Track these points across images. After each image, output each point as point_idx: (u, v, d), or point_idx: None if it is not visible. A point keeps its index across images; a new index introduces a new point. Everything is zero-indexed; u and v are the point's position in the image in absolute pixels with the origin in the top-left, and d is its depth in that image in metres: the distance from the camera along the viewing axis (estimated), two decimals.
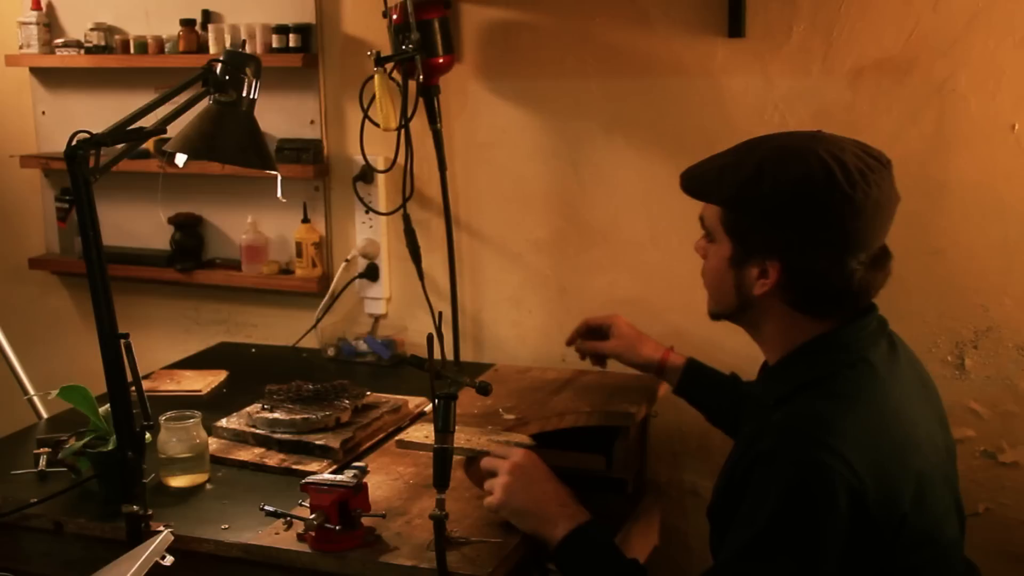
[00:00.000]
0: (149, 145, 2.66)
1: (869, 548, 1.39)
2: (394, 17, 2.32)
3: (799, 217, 1.45)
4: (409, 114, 2.36)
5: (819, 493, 1.36)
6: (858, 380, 1.47)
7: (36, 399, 2.27)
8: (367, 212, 2.58)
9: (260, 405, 2.06)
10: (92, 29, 2.77)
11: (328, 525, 1.57)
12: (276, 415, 1.99)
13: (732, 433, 1.97)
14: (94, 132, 1.60)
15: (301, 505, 1.62)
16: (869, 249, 1.49)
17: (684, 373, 2.04)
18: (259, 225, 2.73)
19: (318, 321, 2.70)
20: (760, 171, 1.47)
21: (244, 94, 1.84)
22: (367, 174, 2.58)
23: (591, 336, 2.16)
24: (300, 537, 1.61)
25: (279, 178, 1.96)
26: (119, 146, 1.72)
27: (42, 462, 1.88)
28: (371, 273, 2.66)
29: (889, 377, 1.51)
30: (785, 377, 1.52)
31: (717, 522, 1.56)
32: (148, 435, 1.65)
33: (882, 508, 1.38)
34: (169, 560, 1.45)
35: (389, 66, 2.33)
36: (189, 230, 2.80)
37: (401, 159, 2.45)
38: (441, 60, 2.34)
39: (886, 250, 1.54)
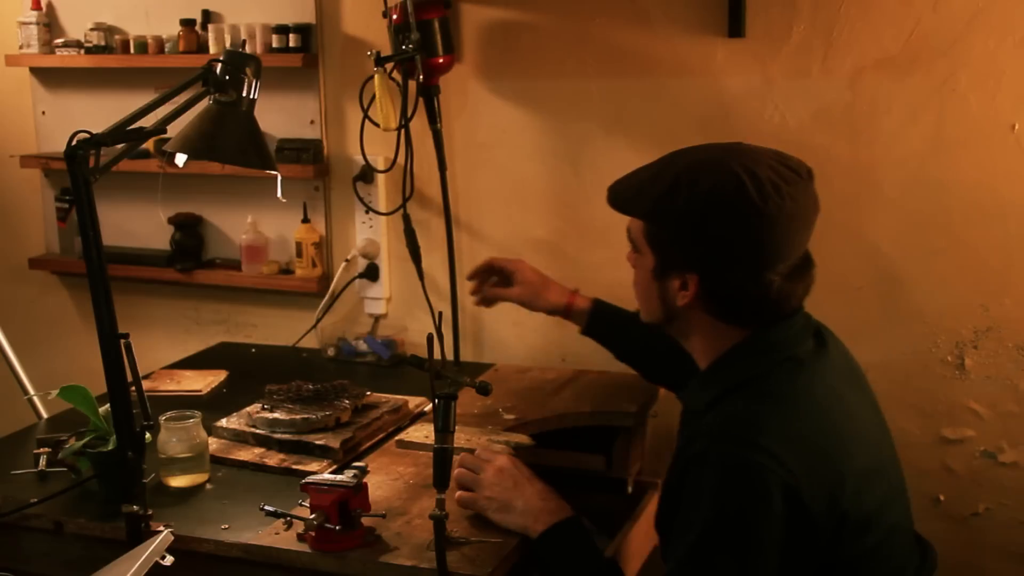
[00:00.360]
0: (149, 145, 2.66)
1: (809, 543, 1.40)
2: (394, 17, 2.32)
3: (712, 231, 1.47)
4: (409, 114, 2.36)
5: (752, 493, 1.37)
6: (785, 379, 1.49)
7: (36, 399, 2.27)
8: (367, 212, 2.58)
9: (260, 405, 2.06)
10: (92, 29, 2.77)
11: (328, 525, 1.57)
12: (276, 415, 1.99)
13: (642, 370, 2.07)
14: (94, 132, 1.60)
15: (301, 505, 1.62)
16: (787, 260, 1.49)
17: (591, 315, 2.06)
18: (259, 225, 2.73)
19: (318, 321, 2.70)
20: (675, 185, 1.49)
21: (244, 94, 1.84)
22: (367, 174, 2.58)
23: (496, 282, 2.16)
24: (300, 537, 1.61)
25: (279, 178, 1.96)
26: (119, 146, 1.72)
27: (42, 462, 1.88)
28: (371, 273, 2.66)
29: (818, 372, 1.52)
30: (713, 382, 1.53)
31: (662, 531, 1.57)
32: (148, 435, 1.65)
33: (819, 502, 1.39)
34: (169, 560, 1.45)
35: (389, 66, 2.33)
36: (189, 230, 2.80)
37: (401, 159, 2.45)
38: (441, 60, 2.34)
39: (808, 259, 1.54)
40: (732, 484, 1.38)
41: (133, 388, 1.62)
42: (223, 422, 2.03)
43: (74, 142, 1.57)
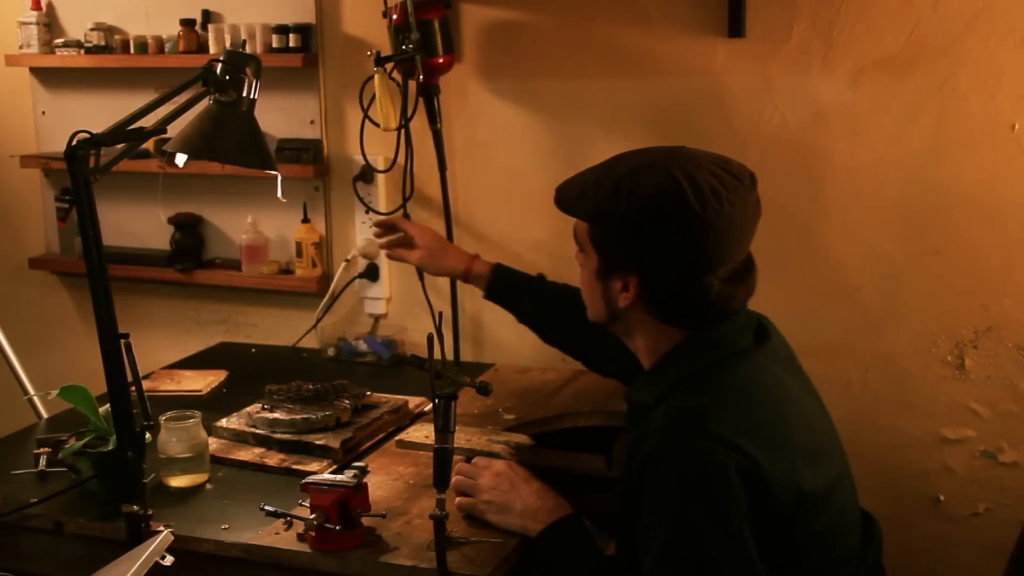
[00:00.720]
0: (149, 145, 2.66)
1: (774, 523, 1.43)
2: (394, 17, 2.33)
3: (652, 235, 1.50)
4: (409, 114, 2.36)
5: (712, 479, 1.40)
6: (731, 371, 1.52)
7: (36, 399, 2.27)
8: (367, 212, 2.58)
9: (260, 405, 2.06)
10: (92, 29, 2.77)
11: (328, 525, 1.57)
12: (276, 415, 1.99)
13: (540, 334, 2.07)
14: (94, 132, 1.60)
15: (301, 505, 1.62)
16: (726, 264, 1.52)
17: (491, 279, 2.08)
18: (259, 225, 2.73)
19: (318, 321, 2.70)
20: (616, 190, 1.51)
21: (244, 94, 1.84)
22: (367, 174, 2.58)
23: (399, 243, 2.19)
24: (300, 537, 1.62)
25: (279, 178, 1.96)
26: (119, 146, 1.72)
27: (42, 462, 1.88)
28: (371, 273, 2.66)
29: (761, 362, 1.56)
30: (660, 378, 1.55)
31: (622, 533, 1.58)
32: (148, 435, 1.65)
33: (779, 483, 1.43)
34: (169, 560, 1.45)
35: (389, 66, 2.33)
36: (189, 230, 2.80)
37: (401, 159, 2.45)
38: (441, 60, 2.34)
39: (750, 262, 1.57)
40: (691, 474, 1.41)
41: (133, 388, 1.62)
42: (223, 422, 2.03)
43: (74, 142, 1.58)
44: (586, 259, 1.61)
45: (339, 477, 1.62)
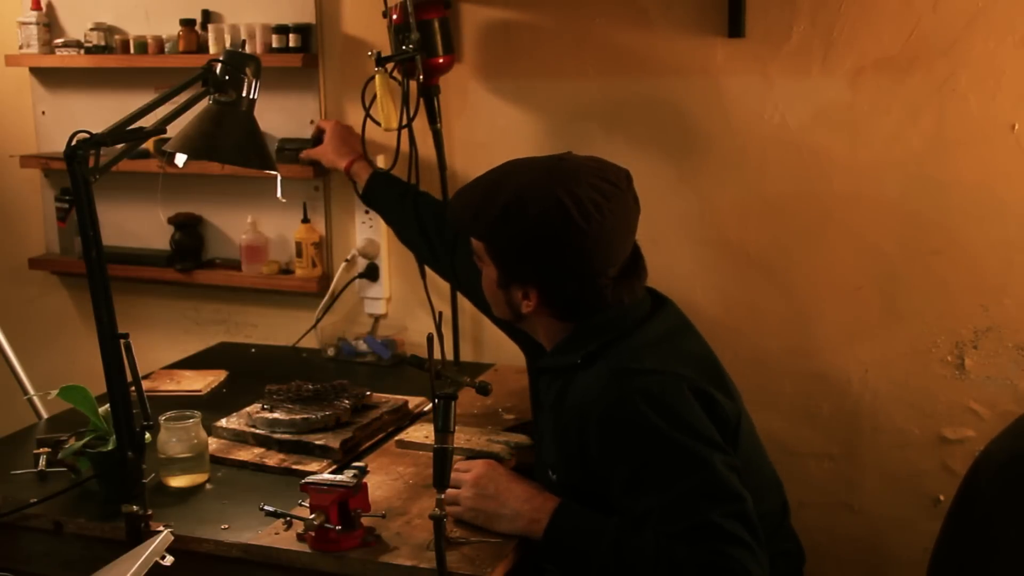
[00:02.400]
0: (149, 145, 2.66)
1: (727, 430, 1.61)
2: (394, 17, 2.32)
3: (543, 254, 1.65)
4: (411, 114, 2.36)
5: (673, 402, 1.56)
6: (648, 328, 1.70)
7: (36, 399, 2.27)
8: (367, 212, 2.58)
9: (260, 405, 2.06)
10: (92, 29, 2.77)
11: (328, 525, 1.57)
12: (276, 415, 1.99)
13: (401, 238, 2.28)
14: (94, 132, 1.60)
15: (301, 505, 1.62)
16: (615, 264, 1.68)
17: (368, 183, 2.28)
18: (259, 225, 2.73)
19: (318, 321, 2.70)
20: (504, 215, 1.66)
21: (244, 94, 1.84)
22: None
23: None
24: (300, 537, 1.62)
25: (279, 178, 1.96)
26: (119, 146, 1.72)
27: (42, 462, 1.88)
28: (371, 273, 2.66)
29: (669, 319, 1.76)
30: (580, 343, 1.68)
31: (572, 490, 1.66)
32: (148, 435, 1.65)
33: (720, 402, 1.61)
34: (169, 560, 1.45)
35: (390, 66, 2.33)
36: (189, 230, 2.80)
37: (402, 159, 2.44)
38: (441, 60, 2.34)
39: (636, 254, 1.72)
40: (651, 407, 1.54)
41: (133, 388, 1.62)
42: (223, 422, 2.03)
43: (74, 142, 1.58)
44: (486, 269, 1.74)
45: (339, 477, 1.62)
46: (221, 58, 1.85)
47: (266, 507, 1.63)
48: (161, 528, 1.60)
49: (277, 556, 1.61)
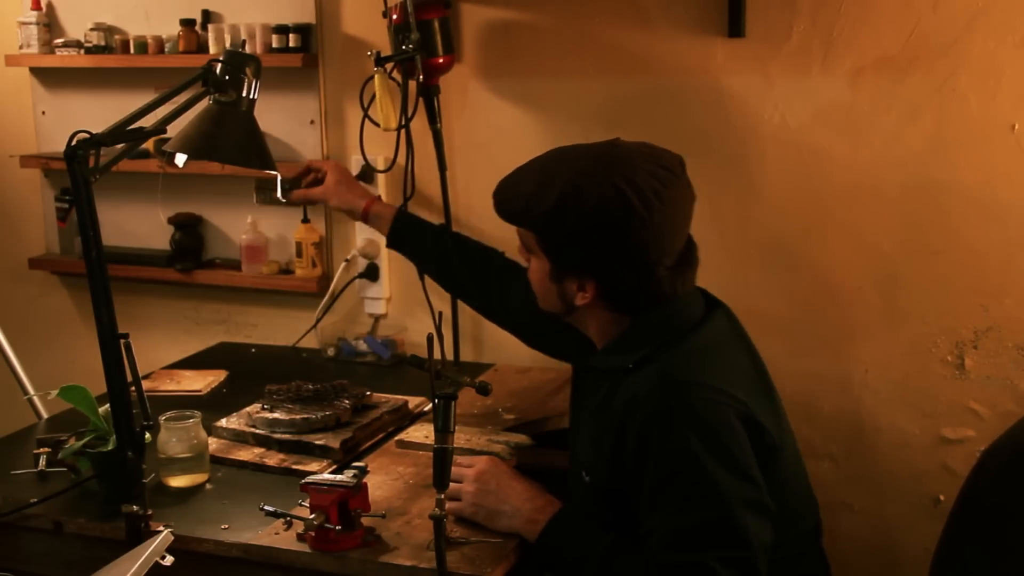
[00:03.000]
0: (149, 145, 2.66)
1: (770, 457, 1.55)
2: (394, 17, 2.32)
3: (603, 243, 1.58)
4: (410, 114, 2.36)
5: (718, 428, 1.50)
6: (702, 334, 1.64)
7: (36, 399, 2.27)
8: None
9: (260, 405, 2.06)
10: (92, 29, 2.77)
11: (328, 525, 1.57)
12: (276, 415, 1.99)
13: (443, 281, 2.15)
14: (94, 132, 1.60)
15: (301, 505, 1.62)
16: (672, 254, 1.62)
17: (393, 226, 2.11)
18: (259, 225, 2.73)
19: (318, 321, 2.70)
20: (561, 205, 1.58)
21: (244, 94, 1.84)
22: (367, 174, 2.58)
23: (311, 184, 2.20)
24: (300, 537, 1.62)
25: (279, 178, 1.96)
26: (119, 146, 1.72)
27: (42, 462, 1.88)
28: (371, 273, 2.66)
29: (721, 324, 1.69)
30: (634, 345, 1.63)
31: (605, 493, 1.62)
32: (148, 435, 1.65)
33: (766, 420, 1.55)
34: (169, 560, 1.45)
35: (389, 66, 2.33)
36: (189, 230, 2.80)
37: (401, 159, 2.44)
38: (441, 60, 2.34)
39: (690, 245, 1.67)
40: (697, 426, 1.49)
41: (133, 388, 1.62)
42: (223, 422, 2.03)
43: (74, 142, 1.58)
44: (536, 262, 1.69)
45: (339, 477, 1.62)
46: (221, 58, 1.85)
47: (266, 507, 1.63)
48: (161, 528, 1.60)
49: (277, 556, 1.61)
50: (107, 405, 1.67)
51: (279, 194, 2.13)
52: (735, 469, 1.48)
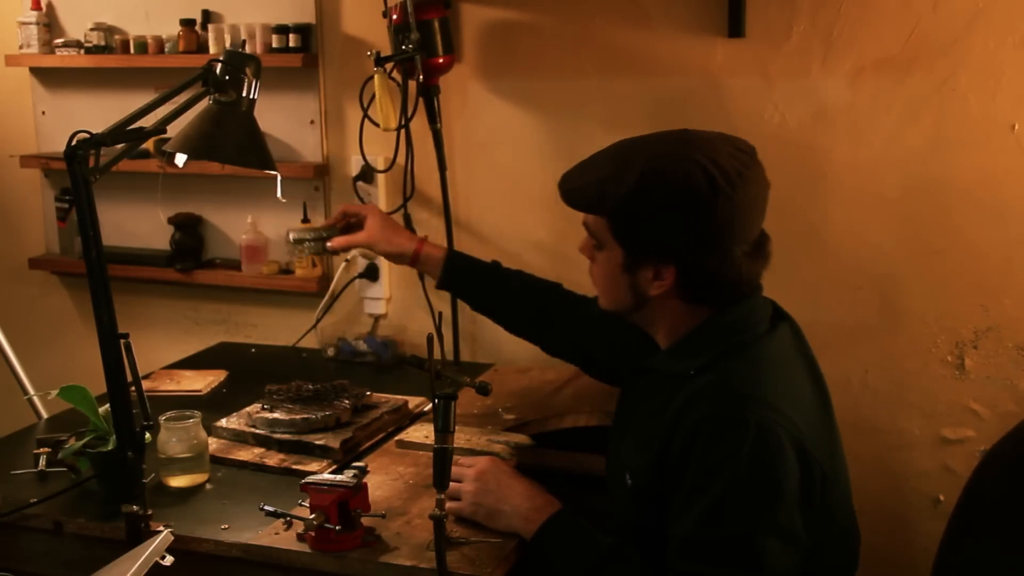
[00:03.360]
0: (149, 145, 2.66)
1: (815, 491, 1.49)
2: (394, 17, 2.32)
3: (687, 224, 1.52)
4: (409, 114, 2.36)
5: (771, 452, 1.44)
6: (767, 345, 1.58)
7: (36, 399, 2.27)
8: None
9: (260, 405, 2.06)
10: (92, 29, 2.77)
11: (328, 525, 1.57)
12: (276, 415, 1.99)
13: (503, 321, 2.03)
14: (94, 132, 1.60)
15: (301, 505, 1.62)
16: (750, 239, 1.57)
17: (446, 267, 2.00)
18: (259, 225, 2.73)
19: (318, 321, 2.70)
20: (643, 185, 1.53)
21: (244, 94, 1.84)
22: (367, 174, 2.58)
23: (347, 231, 2.05)
24: (300, 537, 1.62)
25: (279, 178, 1.96)
26: (119, 146, 1.72)
27: (42, 462, 1.88)
28: (371, 273, 2.66)
29: (786, 340, 1.63)
30: (696, 350, 1.58)
31: (648, 496, 1.59)
32: (148, 435, 1.65)
33: (817, 450, 1.50)
34: (169, 560, 1.45)
35: (389, 66, 2.33)
36: (189, 230, 2.80)
37: (401, 159, 2.45)
38: (441, 60, 2.34)
39: (765, 236, 1.61)
40: (749, 444, 1.44)
41: (133, 388, 1.62)
42: (223, 422, 2.03)
43: (74, 142, 1.57)
44: (604, 253, 1.62)
45: (339, 477, 1.62)
46: (221, 58, 1.84)
47: (266, 507, 1.63)
48: (161, 528, 1.60)
49: (277, 556, 1.61)
50: (107, 405, 1.67)
51: (279, 194, 2.11)
52: (774, 492, 1.44)
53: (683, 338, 1.61)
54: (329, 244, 2.01)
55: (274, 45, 2.60)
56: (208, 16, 2.70)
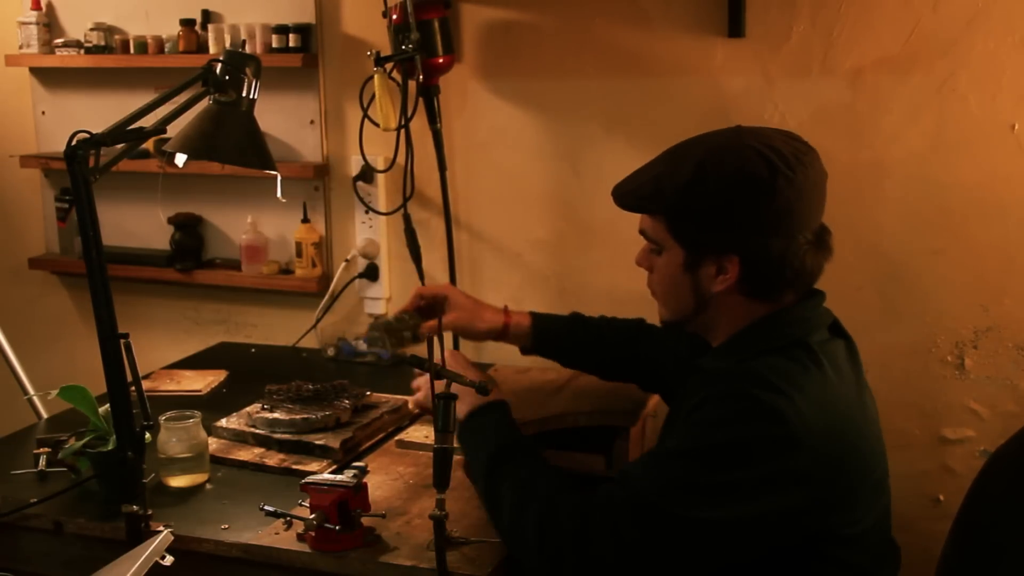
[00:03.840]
0: (149, 145, 2.66)
1: (799, 516, 1.42)
2: (394, 17, 2.32)
3: (749, 208, 1.48)
4: (409, 114, 2.36)
5: (767, 435, 1.38)
6: (821, 354, 1.50)
7: (36, 399, 2.27)
8: (367, 212, 2.58)
9: (260, 405, 2.06)
10: (92, 29, 2.77)
11: (328, 525, 1.57)
12: (276, 415, 1.99)
13: (590, 370, 2.04)
14: (94, 132, 1.60)
15: (301, 505, 1.62)
16: (813, 227, 1.53)
17: (534, 335, 1.99)
18: (259, 225, 2.73)
19: (318, 321, 2.70)
20: (701, 173, 1.50)
21: (244, 94, 1.84)
22: (367, 174, 2.58)
23: (426, 313, 1.99)
24: (300, 537, 1.62)
25: (279, 178, 1.96)
26: (119, 146, 1.72)
27: (42, 462, 1.88)
28: (371, 273, 2.66)
29: (841, 355, 1.56)
30: (745, 346, 1.53)
31: None
32: (148, 435, 1.65)
33: (824, 470, 1.41)
34: (169, 560, 1.45)
35: (389, 66, 2.33)
36: (189, 230, 2.80)
37: (401, 159, 2.45)
38: (441, 60, 2.34)
39: (825, 229, 1.58)
40: (739, 412, 1.40)
41: (133, 388, 1.62)
42: (223, 422, 2.03)
43: (74, 142, 1.58)
44: (664, 257, 1.58)
45: (339, 477, 1.62)
46: (221, 58, 1.84)
47: (266, 507, 1.63)
48: (161, 528, 1.60)
49: (277, 556, 1.61)
50: (107, 405, 1.67)
51: (279, 194, 2.11)
52: (742, 466, 1.38)
53: (736, 334, 1.56)
54: (421, 331, 1.94)
55: (274, 45, 2.60)
56: (208, 16, 2.70)
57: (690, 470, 1.40)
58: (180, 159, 1.91)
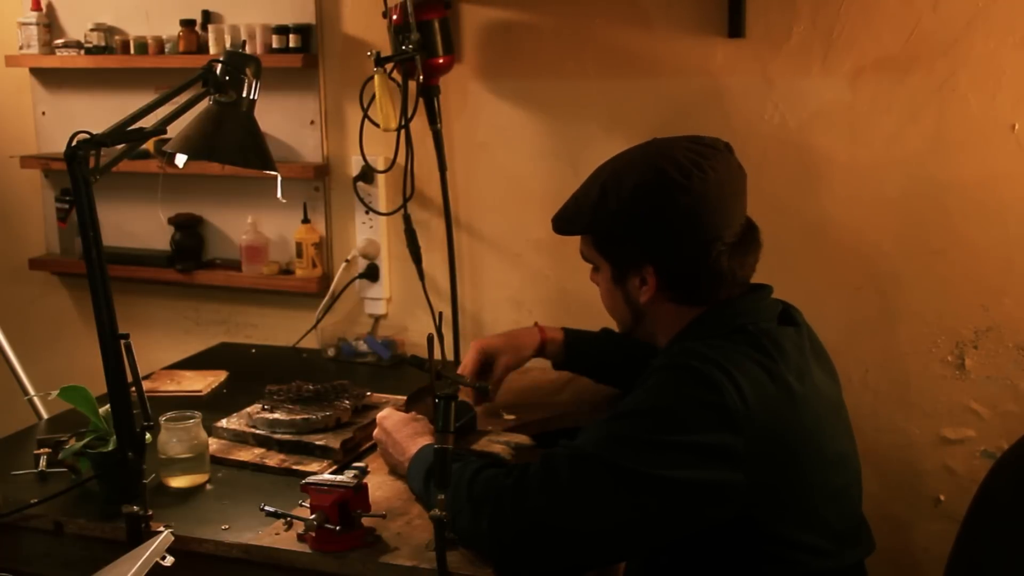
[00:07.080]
0: (149, 145, 2.66)
1: (731, 496, 1.43)
2: (394, 17, 2.33)
3: (650, 221, 1.55)
4: (409, 114, 2.36)
5: (699, 400, 1.42)
6: (760, 336, 1.52)
7: (36, 399, 2.27)
8: (367, 212, 2.59)
9: (260, 405, 2.06)
10: (92, 29, 2.77)
11: (328, 525, 1.57)
12: (276, 415, 1.99)
13: (621, 386, 2.06)
14: (94, 132, 1.60)
15: (301, 505, 1.62)
16: (728, 228, 1.56)
17: (567, 351, 2.05)
18: (259, 225, 2.73)
19: (318, 321, 2.70)
20: (603, 192, 1.59)
21: (244, 94, 1.84)
22: (367, 174, 2.58)
23: (483, 374, 2.01)
24: (300, 537, 1.61)
25: (279, 178, 1.96)
26: (119, 146, 1.72)
27: (42, 462, 1.88)
28: (371, 273, 2.66)
29: (791, 349, 1.55)
30: (686, 337, 1.58)
31: None
32: (148, 435, 1.65)
33: (760, 443, 1.43)
34: (169, 560, 1.45)
35: (389, 66, 2.33)
36: (189, 230, 2.80)
37: (401, 159, 2.45)
38: (441, 60, 2.34)
39: (751, 228, 1.61)
40: (678, 382, 1.45)
41: (133, 388, 1.62)
42: (223, 422, 2.03)
43: (74, 142, 1.57)
44: (602, 273, 1.66)
45: (339, 477, 1.62)
46: (221, 58, 1.84)
47: (266, 507, 1.63)
48: (161, 528, 1.60)
49: (277, 556, 1.61)
50: (107, 405, 1.67)
51: (279, 194, 2.11)
52: (676, 431, 1.42)
53: (678, 333, 1.61)
54: (491, 390, 2.01)
55: (274, 45, 2.60)
56: (208, 16, 2.70)
57: (628, 427, 1.46)
58: (180, 159, 1.91)
